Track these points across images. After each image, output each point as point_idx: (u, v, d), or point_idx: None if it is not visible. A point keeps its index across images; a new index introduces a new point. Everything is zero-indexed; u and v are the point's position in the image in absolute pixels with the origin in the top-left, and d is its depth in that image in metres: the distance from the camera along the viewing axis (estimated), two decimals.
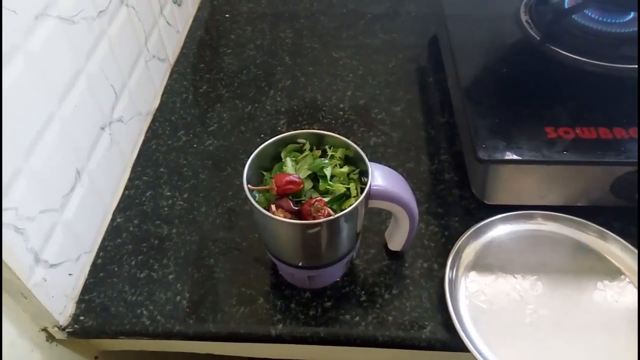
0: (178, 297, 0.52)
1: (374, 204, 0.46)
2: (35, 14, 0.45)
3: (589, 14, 0.63)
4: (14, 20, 0.42)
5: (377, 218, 0.57)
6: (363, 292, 0.52)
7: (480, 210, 0.57)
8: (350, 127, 0.69)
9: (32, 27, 0.44)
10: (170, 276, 0.54)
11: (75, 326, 0.51)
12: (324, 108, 0.72)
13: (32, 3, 0.45)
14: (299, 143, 0.49)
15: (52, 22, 0.47)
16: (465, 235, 0.53)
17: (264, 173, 0.48)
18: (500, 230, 0.55)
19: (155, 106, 0.73)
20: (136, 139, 0.67)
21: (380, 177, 0.46)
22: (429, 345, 0.49)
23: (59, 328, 0.50)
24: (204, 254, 0.56)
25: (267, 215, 0.43)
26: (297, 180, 0.44)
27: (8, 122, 0.41)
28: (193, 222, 0.59)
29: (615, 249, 0.53)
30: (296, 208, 0.44)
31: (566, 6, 0.65)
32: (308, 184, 0.46)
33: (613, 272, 0.52)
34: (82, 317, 0.51)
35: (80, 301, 0.52)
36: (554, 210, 0.55)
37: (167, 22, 0.77)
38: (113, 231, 0.58)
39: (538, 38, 0.63)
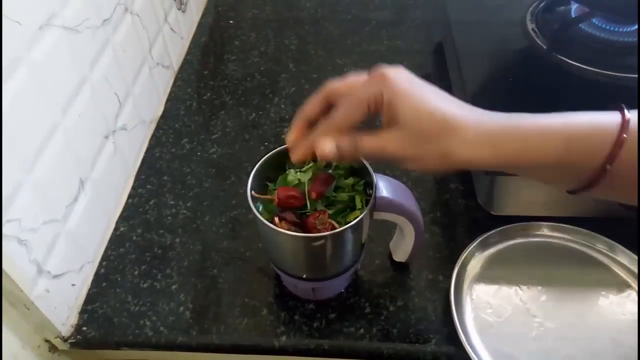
0: (181, 308, 0.52)
1: (379, 215, 0.46)
2: (39, 24, 0.45)
3: (596, 22, 0.62)
4: (18, 31, 0.42)
5: (381, 228, 0.57)
6: (367, 303, 0.52)
7: (486, 220, 0.57)
8: None
9: (36, 37, 0.44)
10: (174, 286, 0.54)
11: (78, 337, 0.50)
12: None
13: (36, 13, 0.44)
14: None
15: (56, 32, 0.47)
16: (471, 247, 0.53)
17: (268, 184, 0.48)
18: (506, 241, 0.54)
19: (159, 114, 0.73)
20: (140, 147, 0.67)
21: (385, 188, 0.45)
22: (435, 359, 0.48)
23: (61, 339, 0.50)
24: (208, 264, 0.56)
25: (271, 228, 0.42)
26: (299, 195, 0.44)
27: (11, 133, 0.41)
28: (196, 232, 0.59)
29: (623, 261, 0.52)
30: (299, 220, 0.44)
31: (573, 15, 0.65)
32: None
33: (621, 285, 0.51)
34: (84, 328, 0.51)
35: (83, 311, 0.52)
36: (562, 222, 0.55)
37: (172, 29, 0.77)
38: (116, 240, 0.58)
39: (545, 47, 0.63)
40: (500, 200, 0.56)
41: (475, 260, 0.53)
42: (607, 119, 0.33)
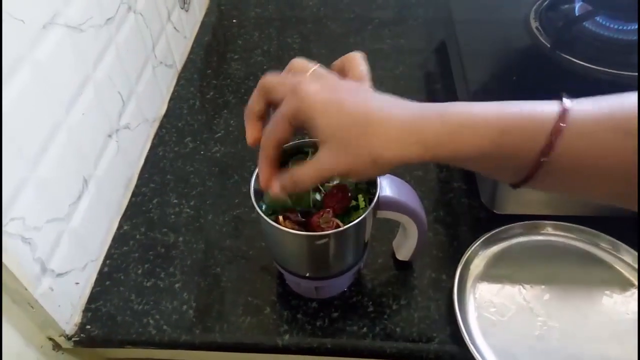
0: (184, 307, 0.52)
1: (382, 214, 0.46)
2: (43, 23, 0.45)
3: (600, 21, 0.62)
4: (22, 30, 0.42)
5: (385, 227, 0.57)
6: (370, 302, 0.52)
7: (490, 219, 0.57)
8: None
9: (39, 36, 0.44)
10: (177, 285, 0.54)
11: (82, 335, 0.51)
12: None
13: (40, 12, 0.45)
14: (306, 152, 0.48)
15: (60, 31, 0.47)
16: (475, 245, 0.53)
17: None
18: (510, 240, 0.54)
19: (162, 112, 0.73)
20: (143, 145, 0.67)
21: (388, 187, 0.45)
22: (438, 358, 0.48)
23: (65, 337, 0.50)
24: (211, 262, 0.56)
25: (274, 227, 0.42)
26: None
27: (15, 132, 0.41)
28: (200, 230, 0.59)
29: (627, 260, 0.52)
30: (303, 219, 0.44)
31: (577, 13, 0.65)
32: (314, 195, 0.45)
33: (624, 284, 0.51)
34: (88, 326, 0.51)
35: (86, 310, 0.52)
36: (565, 221, 0.55)
37: (175, 28, 0.77)
38: (120, 239, 0.58)
39: (548, 45, 0.63)
40: (504, 199, 0.55)
41: (478, 259, 0.53)
42: (545, 109, 0.32)
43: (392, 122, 0.33)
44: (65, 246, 0.49)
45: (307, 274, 0.48)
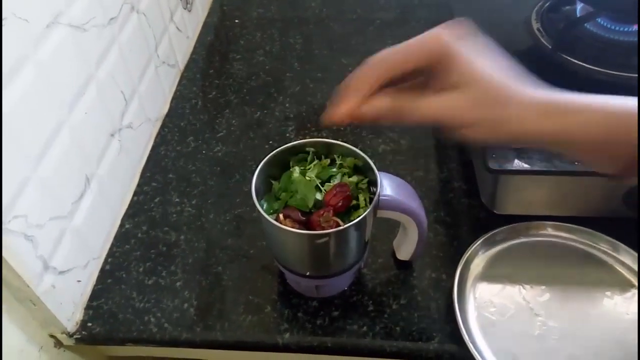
0: (185, 305, 0.52)
1: (382, 214, 0.46)
2: (46, 22, 0.45)
3: (602, 22, 0.62)
4: (26, 29, 0.42)
5: (385, 226, 0.57)
6: (371, 301, 0.52)
7: (490, 219, 0.57)
8: (359, 133, 0.69)
9: (43, 35, 0.45)
10: (178, 283, 0.54)
11: (83, 332, 0.51)
12: None
13: (43, 12, 0.45)
14: (308, 152, 0.49)
15: (63, 30, 0.48)
16: (475, 245, 0.53)
17: (273, 182, 0.48)
18: (510, 240, 0.55)
19: (164, 112, 0.73)
20: (145, 145, 0.68)
21: (389, 187, 0.46)
22: (437, 357, 0.48)
23: (67, 334, 0.50)
24: (212, 261, 0.56)
25: (275, 225, 0.43)
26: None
27: (18, 131, 0.42)
28: (201, 229, 0.59)
29: (626, 261, 0.52)
30: (304, 218, 0.44)
31: (578, 14, 0.65)
32: (316, 194, 0.46)
33: (624, 284, 0.51)
34: (89, 324, 0.51)
35: (88, 307, 0.53)
36: (565, 221, 0.55)
37: (177, 28, 0.77)
38: (121, 237, 0.59)
39: (550, 46, 0.63)
40: (504, 199, 0.56)
41: (478, 259, 0.53)
42: None
43: (528, 99, 0.34)
44: (68, 244, 0.49)
45: (308, 273, 0.48)
